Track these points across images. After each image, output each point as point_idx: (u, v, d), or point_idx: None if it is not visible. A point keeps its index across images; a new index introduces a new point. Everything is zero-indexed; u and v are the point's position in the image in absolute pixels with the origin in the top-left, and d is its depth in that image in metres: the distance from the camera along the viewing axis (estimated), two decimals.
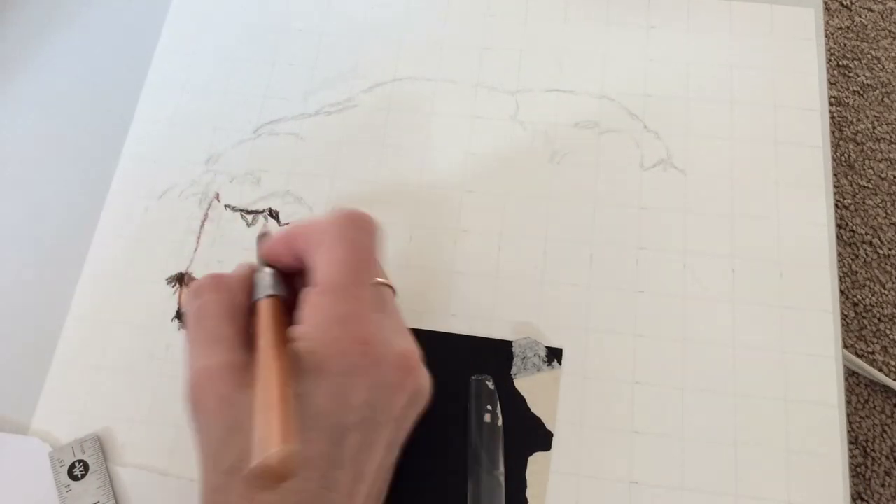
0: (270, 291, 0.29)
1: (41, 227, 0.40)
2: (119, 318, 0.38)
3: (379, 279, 0.30)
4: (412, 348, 0.28)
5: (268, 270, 0.30)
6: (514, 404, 0.35)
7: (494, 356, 0.36)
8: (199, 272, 0.38)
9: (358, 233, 0.29)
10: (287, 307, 0.29)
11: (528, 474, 0.34)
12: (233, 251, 0.39)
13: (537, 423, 0.35)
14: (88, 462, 0.34)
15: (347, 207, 0.29)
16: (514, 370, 0.36)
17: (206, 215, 0.40)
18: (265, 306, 0.28)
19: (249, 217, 0.40)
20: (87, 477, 0.34)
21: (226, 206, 0.40)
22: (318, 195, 0.40)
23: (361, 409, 0.26)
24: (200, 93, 0.43)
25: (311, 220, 0.30)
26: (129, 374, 0.36)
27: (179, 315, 0.38)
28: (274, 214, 0.40)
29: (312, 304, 0.27)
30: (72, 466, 0.34)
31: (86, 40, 0.45)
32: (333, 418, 0.25)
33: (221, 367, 0.26)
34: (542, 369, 0.36)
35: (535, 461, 0.34)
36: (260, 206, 0.40)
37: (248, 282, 0.30)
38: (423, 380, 0.29)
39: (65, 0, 0.46)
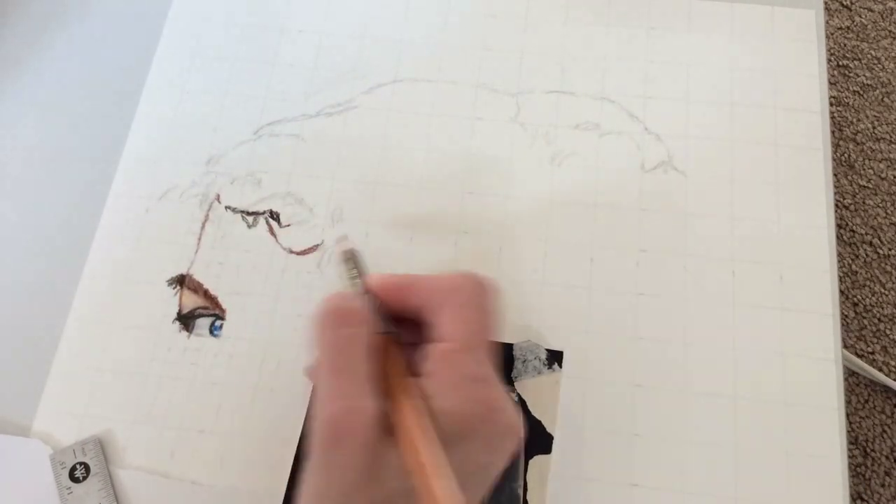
0: (391, 328, 0.29)
1: (42, 229, 0.40)
2: (120, 320, 0.38)
3: None
4: (520, 416, 0.29)
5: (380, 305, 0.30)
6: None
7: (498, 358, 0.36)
8: (199, 274, 0.38)
9: (489, 299, 0.29)
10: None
11: (528, 477, 0.34)
12: (234, 253, 0.39)
13: (538, 426, 0.35)
14: (90, 464, 0.34)
15: (477, 274, 0.29)
16: (514, 373, 0.36)
17: (206, 217, 0.40)
18: (393, 349, 0.29)
19: (250, 218, 0.40)
20: (88, 479, 0.34)
21: (226, 207, 0.40)
22: (319, 196, 0.40)
23: (475, 469, 0.26)
24: (201, 94, 0.43)
25: (432, 277, 0.30)
26: (130, 376, 0.36)
27: (181, 317, 0.38)
28: (275, 216, 0.40)
29: (447, 361, 0.27)
30: (73, 469, 0.34)
31: (86, 41, 0.45)
32: (458, 479, 0.26)
33: (369, 410, 0.26)
34: (543, 372, 0.36)
35: (536, 464, 0.34)
36: (261, 208, 0.40)
37: (375, 316, 0.30)
38: (522, 448, 0.30)
39: (65, 1, 0.46)
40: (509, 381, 0.36)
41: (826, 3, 1.12)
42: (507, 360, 0.36)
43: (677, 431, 0.35)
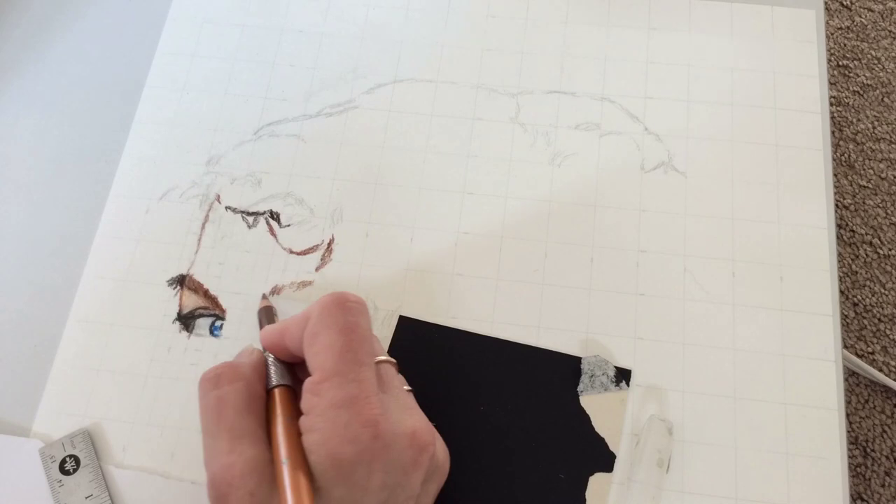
0: (280, 381, 0.30)
1: (42, 229, 0.40)
2: (120, 321, 0.38)
3: (379, 357, 0.30)
4: (422, 424, 0.28)
5: (272, 359, 0.31)
6: (579, 421, 0.35)
7: (560, 370, 0.36)
8: (200, 274, 0.38)
9: (346, 315, 0.29)
10: (295, 396, 0.29)
11: (587, 494, 0.33)
12: (233, 253, 0.39)
13: (600, 443, 0.34)
14: (79, 457, 0.34)
15: (333, 293, 0.29)
16: (581, 387, 0.35)
17: (206, 217, 0.40)
18: (279, 396, 0.29)
19: (250, 219, 0.40)
20: (78, 471, 0.34)
21: (226, 207, 0.40)
22: (320, 197, 0.40)
23: (380, 492, 0.26)
24: (201, 94, 0.43)
25: (296, 315, 0.30)
26: (131, 376, 0.36)
27: (181, 317, 0.38)
28: (275, 216, 0.40)
29: (314, 393, 0.27)
30: (63, 462, 0.34)
31: (86, 41, 0.45)
32: None
33: (248, 463, 0.26)
34: (610, 389, 0.35)
35: (596, 481, 0.34)
36: (261, 208, 0.40)
37: (261, 369, 0.30)
38: (439, 453, 0.29)
39: (65, 1, 0.46)
40: (574, 394, 0.35)
41: (826, 3, 1.12)
42: (573, 373, 0.36)
43: (677, 431, 0.35)
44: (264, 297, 0.37)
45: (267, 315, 0.35)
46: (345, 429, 0.26)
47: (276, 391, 0.29)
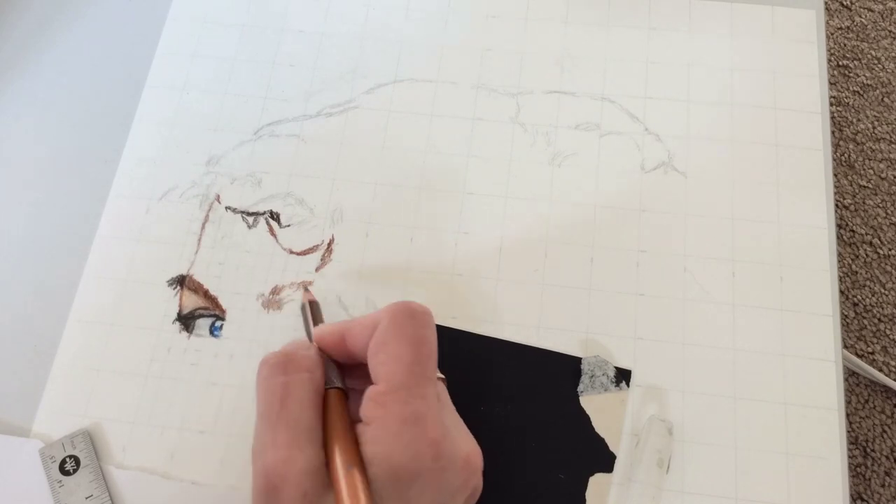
0: (338, 383, 0.29)
1: (42, 229, 0.40)
2: (120, 321, 0.38)
3: (437, 374, 0.29)
4: (476, 449, 0.28)
5: (328, 358, 0.30)
6: (579, 422, 0.35)
7: (560, 370, 0.36)
8: (200, 274, 0.38)
9: (417, 328, 0.28)
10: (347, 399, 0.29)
11: (587, 494, 0.34)
12: (234, 253, 0.39)
13: (600, 443, 0.34)
14: (79, 457, 0.34)
15: (403, 301, 0.29)
16: (581, 387, 0.35)
17: (206, 217, 0.40)
18: (337, 399, 0.28)
19: (250, 219, 0.40)
20: (79, 472, 0.34)
21: (227, 207, 0.40)
22: (320, 197, 0.40)
23: None
24: (201, 94, 0.43)
25: (360, 319, 0.29)
26: (131, 377, 0.36)
27: (181, 317, 0.38)
28: (275, 216, 0.40)
29: (379, 404, 0.27)
30: (63, 462, 0.34)
31: (86, 41, 0.45)
32: None
33: (309, 462, 0.25)
34: (610, 389, 0.35)
35: (596, 482, 0.34)
36: (261, 208, 0.40)
37: (322, 366, 0.29)
38: (481, 479, 0.29)
39: (65, 1, 0.46)
40: (574, 394, 0.35)
41: (826, 3, 1.12)
42: (573, 374, 0.36)
43: (677, 431, 0.35)
44: (307, 290, 0.36)
45: (314, 310, 0.34)
46: (408, 446, 0.26)
47: (334, 392, 0.28)
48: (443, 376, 0.31)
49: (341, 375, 0.30)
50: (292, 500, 0.25)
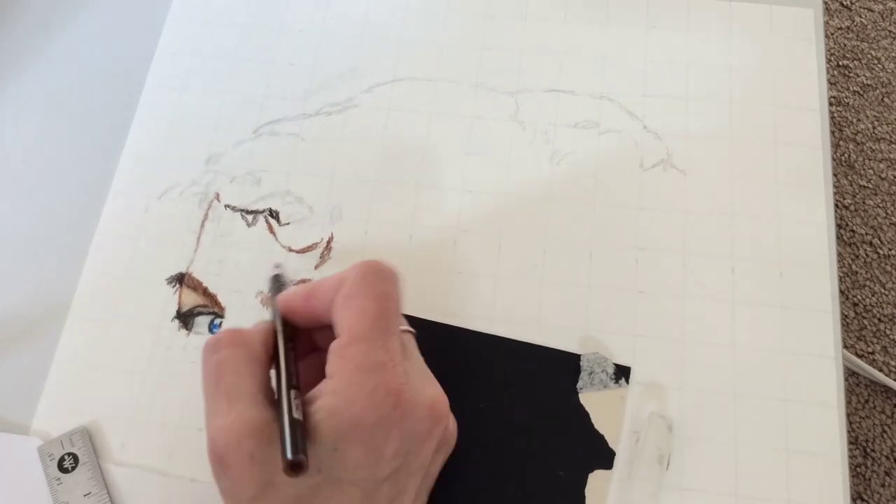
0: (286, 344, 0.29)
1: (41, 227, 0.40)
2: (119, 319, 0.38)
3: (402, 327, 0.30)
4: (441, 396, 0.29)
5: (281, 327, 0.30)
6: (578, 419, 0.35)
7: (560, 367, 0.36)
8: (199, 272, 0.38)
9: (381, 283, 0.29)
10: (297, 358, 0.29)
11: (586, 491, 0.33)
12: (233, 251, 0.39)
13: (600, 440, 0.34)
14: (78, 454, 0.34)
15: (370, 260, 0.29)
16: (580, 384, 0.35)
17: (206, 215, 0.40)
18: (279, 326, 0.29)
19: (250, 217, 0.40)
20: (77, 469, 0.34)
21: (226, 206, 0.40)
22: (319, 195, 0.40)
23: (393, 459, 0.26)
24: (201, 93, 0.43)
25: (329, 278, 0.30)
26: (130, 375, 0.36)
27: (180, 315, 0.38)
28: (274, 215, 0.40)
29: (341, 357, 0.27)
30: (61, 459, 0.34)
31: (86, 40, 0.45)
32: (368, 471, 0.26)
33: (246, 423, 0.26)
34: (609, 386, 0.35)
35: (595, 478, 0.34)
36: (260, 206, 0.40)
37: (267, 336, 0.30)
38: (452, 426, 0.29)
39: (65, 0, 0.46)
40: (574, 391, 0.35)
41: (826, 3, 1.12)
42: (573, 370, 0.36)
43: (676, 429, 0.35)
44: (276, 266, 0.37)
45: (278, 282, 0.34)
46: (369, 394, 0.26)
47: (275, 324, 0.29)
48: (412, 330, 0.31)
49: (294, 341, 0.30)
50: (239, 463, 0.25)
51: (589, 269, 0.38)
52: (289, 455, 0.24)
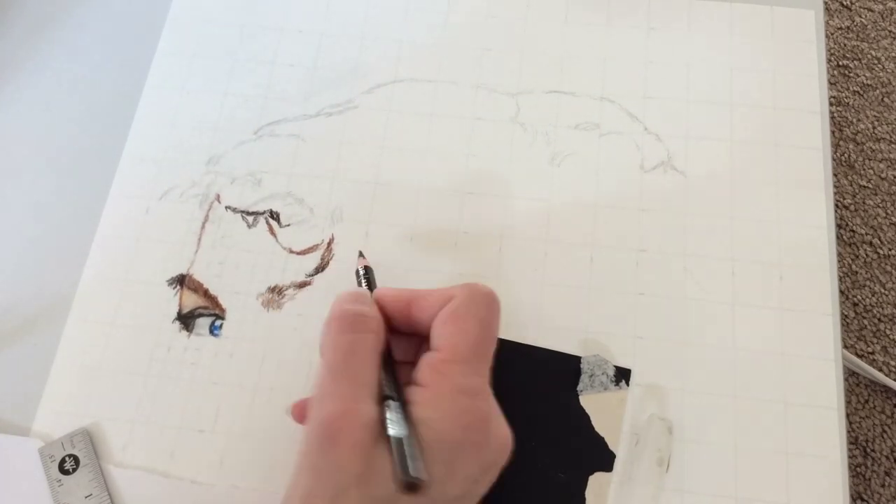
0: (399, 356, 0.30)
1: (42, 228, 0.40)
2: (120, 320, 0.38)
3: None
4: (511, 434, 0.29)
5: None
6: (578, 421, 0.35)
7: (560, 369, 0.36)
8: (200, 273, 0.38)
9: (486, 309, 0.29)
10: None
11: (587, 493, 0.34)
12: (234, 253, 0.39)
13: (600, 442, 0.34)
14: (79, 456, 0.34)
15: (481, 284, 0.30)
16: (580, 386, 0.35)
17: (206, 216, 0.40)
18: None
19: (250, 218, 0.40)
20: (78, 471, 0.34)
21: (226, 207, 0.40)
22: (319, 196, 0.40)
23: (464, 482, 0.26)
24: (201, 94, 0.43)
25: (433, 290, 0.30)
26: (130, 376, 0.36)
27: (181, 316, 0.38)
28: (275, 216, 0.40)
29: (439, 372, 0.27)
30: (62, 461, 0.34)
31: (86, 41, 0.45)
32: (442, 487, 0.26)
33: (366, 416, 0.26)
34: (609, 388, 0.35)
35: (596, 480, 0.34)
36: (261, 208, 0.40)
37: (385, 328, 0.30)
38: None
39: (65, 0, 0.46)
40: (574, 393, 0.35)
41: (826, 3, 1.12)
42: (573, 373, 0.36)
43: (676, 431, 0.35)
44: (362, 255, 0.36)
45: (368, 275, 0.34)
46: (462, 415, 0.26)
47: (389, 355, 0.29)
48: None
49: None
50: (349, 448, 0.25)
51: (589, 270, 0.38)
52: (412, 471, 0.25)
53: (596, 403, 0.35)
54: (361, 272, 0.33)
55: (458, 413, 0.26)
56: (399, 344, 0.30)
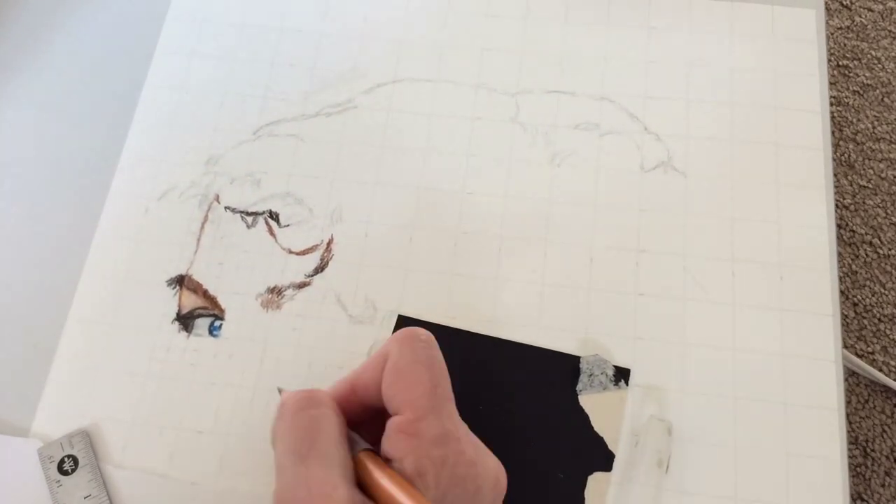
0: (366, 446, 0.27)
1: (41, 229, 0.40)
2: (119, 321, 0.38)
3: None
4: (500, 466, 0.27)
5: None
6: (577, 421, 0.35)
7: (559, 369, 0.36)
8: (199, 274, 0.38)
9: (424, 349, 0.28)
10: None
11: (586, 493, 0.33)
12: (233, 253, 0.39)
13: (599, 442, 0.34)
14: (78, 457, 0.34)
15: (405, 329, 0.28)
16: (580, 386, 0.35)
17: (206, 217, 0.40)
18: (372, 457, 0.26)
19: (249, 219, 0.40)
20: (77, 471, 0.34)
21: (226, 207, 0.40)
22: (319, 197, 0.40)
23: None
24: (200, 94, 0.43)
25: (367, 361, 0.28)
26: (130, 377, 0.36)
27: (180, 317, 0.38)
28: (274, 216, 0.40)
29: (411, 434, 0.25)
30: (61, 462, 0.34)
31: (86, 40, 0.45)
32: None
33: (350, 499, 0.23)
34: (609, 388, 0.35)
35: (595, 480, 0.34)
36: (260, 208, 0.40)
37: (342, 410, 0.28)
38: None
39: (64, 1, 0.46)
40: (573, 392, 0.35)
41: (826, 3, 1.12)
42: (572, 372, 0.36)
43: (676, 431, 0.35)
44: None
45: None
46: (450, 469, 0.25)
47: (365, 453, 0.26)
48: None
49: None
50: None
51: (589, 271, 0.38)
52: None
53: (595, 403, 0.35)
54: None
55: (446, 469, 0.25)
56: (368, 432, 0.28)
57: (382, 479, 0.25)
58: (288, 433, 0.26)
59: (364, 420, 0.29)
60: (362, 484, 0.25)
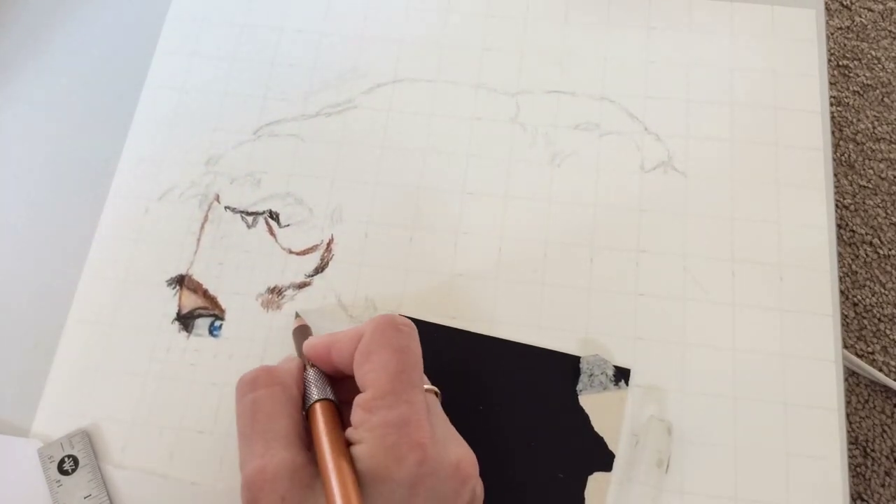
0: (325, 395, 0.29)
1: (42, 229, 0.40)
2: (119, 321, 0.38)
3: (426, 385, 0.30)
4: (468, 455, 0.28)
5: (316, 371, 0.30)
6: (578, 421, 0.35)
7: (559, 369, 0.36)
8: (199, 274, 0.38)
9: (403, 338, 0.29)
10: (338, 410, 0.29)
11: (586, 493, 0.33)
12: (233, 253, 0.39)
13: (599, 442, 0.34)
14: (78, 457, 0.34)
15: (386, 314, 0.29)
16: (580, 386, 0.35)
17: (206, 217, 0.40)
18: (324, 409, 0.28)
19: (249, 219, 0.40)
20: (77, 471, 0.34)
21: (226, 207, 0.40)
22: (319, 197, 0.40)
23: None
24: (200, 94, 0.43)
25: (347, 331, 0.30)
26: (130, 377, 0.36)
27: (180, 317, 0.38)
28: (274, 216, 0.40)
29: (366, 410, 0.27)
30: (61, 462, 0.34)
31: (86, 40, 0.45)
32: None
33: (281, 465, 0.26)
34: (609, 388, 0.35)
35: (595, 480, 0.34)
36: (260, 208, 0.40)
37: (299, 376, 0.30)
38: (478, 488, 0.29)
39: (64, 0, 0.46)
40: (573, 392, 0.35)
41: (826, 3, 1.12)
42: (572, 372, 0.36)
43: (676, 431, 0.35)
44: (298, 315, 0.37)
45: (303, 334, 0.35)
46: (392, 448, 0.26)
47: (322, 403, 0.29)
48: (436, 390, 0.31)
49: (330, 387, 0.30)
50: (276, 503, 0.25)
51: (589, 271, 0.38)
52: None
53: (595, 403, 0.35)
54: (297, 332, 0.34)
55: (387, 447, 0.26)
56: (351, 388, 0.30)
57: (321, 434, 0.27)
58: (237, 417, 0.28)
59: (342, 377, 0.30)
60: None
